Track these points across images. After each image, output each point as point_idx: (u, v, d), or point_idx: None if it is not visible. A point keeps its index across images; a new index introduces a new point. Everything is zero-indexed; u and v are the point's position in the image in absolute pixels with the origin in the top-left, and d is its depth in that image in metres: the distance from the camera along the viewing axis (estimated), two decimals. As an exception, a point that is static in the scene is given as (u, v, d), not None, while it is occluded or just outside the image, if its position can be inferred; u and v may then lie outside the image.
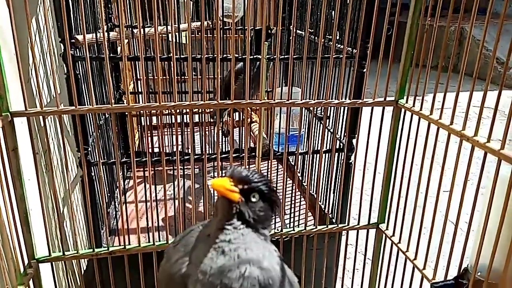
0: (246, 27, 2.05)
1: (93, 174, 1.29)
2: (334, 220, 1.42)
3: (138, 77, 2.21)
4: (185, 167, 1.51)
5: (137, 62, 1.96)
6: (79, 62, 1.24)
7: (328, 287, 1.46)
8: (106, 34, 1.06)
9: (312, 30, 1.69)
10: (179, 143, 1.64)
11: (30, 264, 1.07)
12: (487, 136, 0.85)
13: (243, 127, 1.54)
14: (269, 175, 1.28)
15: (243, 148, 1.45)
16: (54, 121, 1.33)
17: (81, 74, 1.25)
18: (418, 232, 1.13)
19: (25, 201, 1.02)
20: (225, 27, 2.16)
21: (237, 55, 1.28)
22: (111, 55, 1.56)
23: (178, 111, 1.09)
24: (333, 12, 1.47)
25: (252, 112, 1.88)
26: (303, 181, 1.91)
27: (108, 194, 1.62)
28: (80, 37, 1.20)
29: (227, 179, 0.70)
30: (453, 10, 0.96)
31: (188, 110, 1.11)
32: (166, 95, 2.02)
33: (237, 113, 1.99)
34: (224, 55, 1.38)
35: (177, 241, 0.79)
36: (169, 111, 1.08)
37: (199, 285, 0.67)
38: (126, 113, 1.89)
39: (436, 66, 1.00)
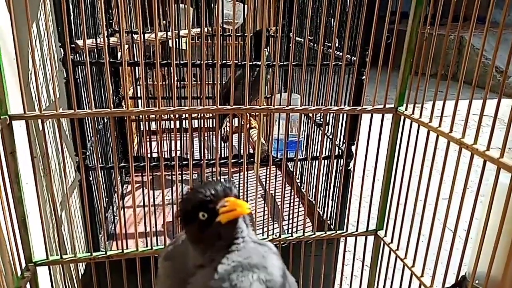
0: (246, 34, 2.05)
1: (91, 178, 1.29)
2: (332, 227, 1.42)
3: (138, 83, 2.21)
4: (183, 173, 1.51)
5: (137, 67, 1.96)
6: (79, 67, 1.24)
7: (326, 294, 1.46)
8: (106, 39, 1.07)
9: (312, 38, 1.69)
10: (178, 148, 1.64)
11: (28, 267, 1.07)
12: (487, 144, 0.85)
13: (242, 133, 1.55)
14: (268, 181, 1.28)
15: (242, 154, 1.44)
16: (52, 125, 1.33)
17: (80, 79, 1.25)
18: (416, 240, 1.13)
19: (23, 205, 1.01)
20: (225, 34, 2.17)
21: (236, 61, 1.29)
22: (111, 60, 1.56)
23: (177, 116, 1.09)
24: (332, 19, 1.48)
25: (251, 118, 1.89)
26: (302, 187, 1.91)
27: (106, 199, 1.62)
28: (80, 42, 1.20)
29: (233, 198, 0.66)
30: (452, 19, 0.97)
31: (187, 115, 1.11)
32: (165, 100, 2.02)
33: (236, 119, 1.99)
34: (224, 61, 1.38)
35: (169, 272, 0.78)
36: (168, 116, 1.09)
37: None
38: (125, 118, 1.89)
39: (436, 74, 1.00)
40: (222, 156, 1.97)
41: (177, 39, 1.68)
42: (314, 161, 1.59)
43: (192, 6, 1.97)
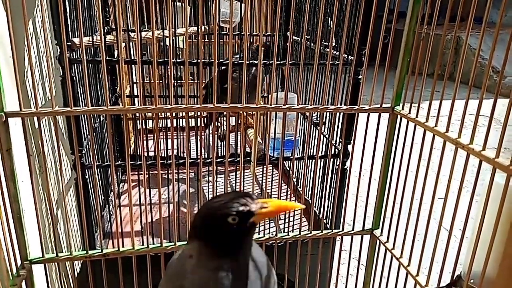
0: (243, 33, 2.05)
1: (87, 176, 1.29)
2: (328, 226, 1.42)
3: (134, 81, 2.21)
4: (180, 171, 1.51)
5: (133, 65, 1.96)
6: (75, 64, 1.23)
7: (322, 293, 1.46)
8: (103, 37, 1.06)
9: (309, 37, 1.69)
10: (175, 147, 1.64)
11: (23, 265, 1.06)
12: (483, 144, 0.86)
13: (239, 132, 1.55)
14: (264, 180, 1.28)
15: (238, 152, 1.44)
16: (48, 123, 1.32)
17: (77, 77, 1.24)
18: (412, 239, 1.13)
19: (18, 202, 1.01)
20: (222, 32, 2.16)
21: (234, 60, 1.29)
22: (108, 58, 1.56)
23: (174, 114, 1.09)
24: (329, 19, 1.48)
25: (248, 117, 1.88)
26: (298, 186, 1.91)
27: (103, 197, 1.61)
28: (76, 40, 1.20)
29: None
30: (449, 19, 0.97)
31: (184, 114, 1.11)
32: (162, 98, 2.02)
33: (233, 118, 1.99)
34: (221, 60, 1.38)
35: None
36: (165, 115, 1.09)
37: None
38: (122, 116, 1.89)
39: (432, 74, 1.01)
40: (219, 155, 1.97)
41: (174, 38, 1.68)
42: (310, 160, 1.59)
43: (189, 4, 1.97)
